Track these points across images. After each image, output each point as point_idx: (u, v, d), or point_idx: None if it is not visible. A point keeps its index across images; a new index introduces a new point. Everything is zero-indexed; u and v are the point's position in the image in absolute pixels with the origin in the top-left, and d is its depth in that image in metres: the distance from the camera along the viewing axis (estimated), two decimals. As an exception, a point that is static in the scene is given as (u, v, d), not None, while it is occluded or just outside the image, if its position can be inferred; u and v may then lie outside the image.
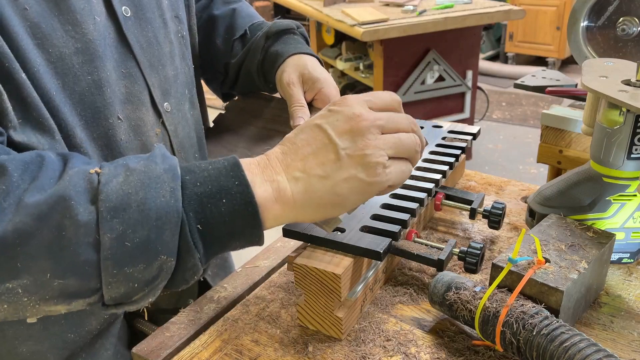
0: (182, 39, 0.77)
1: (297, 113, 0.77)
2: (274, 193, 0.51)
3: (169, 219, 0.48)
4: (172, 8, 0.75)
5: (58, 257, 0.46)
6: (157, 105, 0.70)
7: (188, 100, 0.78)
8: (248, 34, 0.89)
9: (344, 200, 0.52)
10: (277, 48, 0.84)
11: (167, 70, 0.72)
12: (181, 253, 0.49)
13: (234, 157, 0.53)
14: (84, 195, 0.47)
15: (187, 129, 0.77)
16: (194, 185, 0.50)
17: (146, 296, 0.51)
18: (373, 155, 0.51)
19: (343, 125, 0.52)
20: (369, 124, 0.52)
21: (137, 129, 0.67)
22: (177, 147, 0.74)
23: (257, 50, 0.85)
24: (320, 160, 0.52)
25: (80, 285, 0.48)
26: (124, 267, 0.48)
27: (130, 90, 0.66)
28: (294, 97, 0.78)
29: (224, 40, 0.90)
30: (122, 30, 0.65)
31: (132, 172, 0.49)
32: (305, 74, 0.79)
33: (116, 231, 0.47)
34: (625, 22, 0.96)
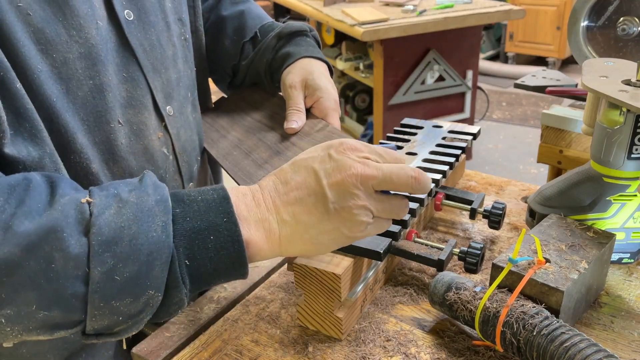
0: (184, 42, 0.77)
1: (292, 117, 0.78)
2: (265, 233, 0.52)
3: (160, 254, 0.48)
4: (176, 11, 0.75)
5: (44, 289, 0.45)
6: (160, 109, 0.70)
7: (190, 103, 0.78)
8: (259, 36, 0.89)
9: (323, 247, 0.55)
10: (288, 49, 0.84)
11: (170, 74, 0.72)
12: (169, 288, 0.49)
13: (222, 189, 0.53)
14: (75, 226, 0.46)
15: (189, 132, 0.77)
16: (183, 219, 0.50)
17: (129, 329, 0.51)
18: (359, 215, 0.52)
19: (336, 176, 0.52)
20: (361, 181, 0.52)
21: (139, 132, 0.67)
22: (179, 150, 0.74)
23: (267, 50, 0.85)
24: (310, 209, 0.52)
25: (65, 317, 0.47)
26: (111, 301, 0.47)
27: (132, 94, 0.66)
28: (292, 100, 0.79)
29: (233, 42, 0.89)
30: (124, 34, 0.64)
31: (124, 204, 0.48)
32: (308, 80, 0.79)
33: (107, 265, 0.46)
34: (625, 22, 0.96)
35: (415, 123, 1.01)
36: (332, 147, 0.54)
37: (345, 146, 0.54)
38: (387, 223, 0.57)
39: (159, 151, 0.70)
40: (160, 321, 0.54)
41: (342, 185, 0.52)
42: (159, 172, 0.71)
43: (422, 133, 0.97)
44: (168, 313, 0.52)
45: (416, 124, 1.00)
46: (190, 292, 0.52)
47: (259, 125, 0.86)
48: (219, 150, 0.83)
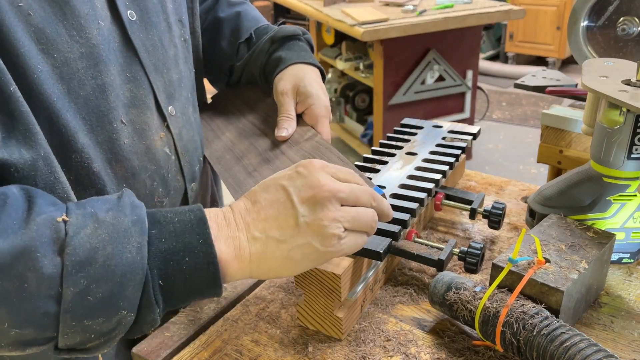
0: (184, 43, 0.77)
1: (282, 124, 0.79)
2: (235, 250, 0.53)
3: (134, 275, 0.48)
4: (176, 12, 0.75)
5: (17, 308, 0.45)
6: (162, 109, 0.70)
7: (191, 103, 0.79)
8: (253, 38, 0.89)
9: (296, 264, 0.54)
10: (280, 53, 0.85)
11: (172, 74, 0.72)
12: (141, 308, 0.49)
13: (200, 210, 0.53)
14: (50, 246, 0.46)
15: (191, 133, 0.77)
16: (159, 240, 0.50)
17: (102, 345, 0.51)
18: (330, 227, 0.53)
19: (306, 192, 0.54)
20: (330, 195, 0.54)
21: (141, 132, 0.67)
22: (182, 150, 0.75)
23: (261, 54, 0.86)
24: (280, 224, 0.53)
25: (37, 335, 0.47)
26: (83, 320, 0.47)
27: (135, 94, 0.66)
28: (284, 107, 0.80)
29: (229, 43, 0.90)
30: (127, 34, 0.65)
31: (100, 224, 0.48)
32: (300, 87, 0.80)
33: (80, 285, 0.46)
34: (625, 22, 0.96)
35: (415, 123, 1.01)
36: (300, 165, 0.56)
37: (310, 165, 0.56)
38: (360, 237, 0.57)
39: (161, 151, 0.70)
40: (134, 337, 0.54)
41: (313, 199, 0.53)
42: (161, 171, 0.71)
43: (422, 133, 0.97)
44: (141, 331, 0.52)
45: (416, 124, 1.00)
46: (163, 311, 0.52)
47: (251, 128, 0.86)
48: (212, 151, 0.84)
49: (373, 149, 0.91)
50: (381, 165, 0.86)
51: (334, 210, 0.53)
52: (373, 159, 0.88)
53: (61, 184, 0.58)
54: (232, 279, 0.54)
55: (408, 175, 0.82)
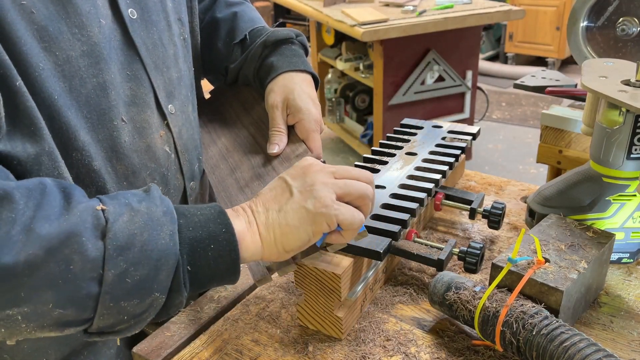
0: (184, 42, 0.77)
1: (274, 139, 0.79)
2: (246, 225, 0.58)
3: (168, 260, 0.52)
4: (176, 11, 0.75)
5: (62, 289, 0.48)
6: (162, 107, 0.70)
7: (191, 102, 0.79)
8: (247, 40, 0.89)
9: (297, 229, 0.57)
10: (272, 60, 0.84)
11: (172, 73, 0.72)
12: (171, 292, 0.53)
13: (218, 205, 0.58)
14: (93, 231, 0.49)
15: (190, 131, 0.78)
16: (187, 229, 0.54)
17: (131, 327, 0.54)
18: (320, 190, 0.57)
19: (298, 171, 0.60)
20: (321, 168, 0.60)
21: (141, 131, 0.68)
22: (181, 149, 0.75)
23: (254, 59, 0.86)
24: (278, 198, 0.59)
25: (77, 315, 0.50)
26: (120, 301, 0.50)
27: (136, 92, 0.66)
28: (274, 120, 0.80)
29: (225, 44, 0.90)
30: (128, 33, 0.65)
31: (136, 213, 0.52)
32: (289, 100, 0.79)
33: (120, 268, 0.49)
34: (624, 23, 0.96)
35: (415, 123, 1.01)
36: (299, 163, 0.61)
37: (308, 159, 0.62)
38: (355, 210, 0.58)
39: (161, 149, 0.71)
40: (159, 320, 0.58)
41: (304, 173, 0.59)
42: (161, 170, 0.71)
43: (421, 133, 0.97)
44: (167, 313, 0.55)
45: (416, 124, 1.00)
46: (188, 295, 0.55)
47: (246, 136, 0.86)
48: (208, 158, 0.84)
49: (373, 149, 0.91)
50: (381, 165, 0.86)
51: (324, 177, 0.59)
52: (373, 159, 0.88)
53: (64, 180, 0.59)
54: (247, 252, 0.57)
55: (408, 175, 0.82)
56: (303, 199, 0.57)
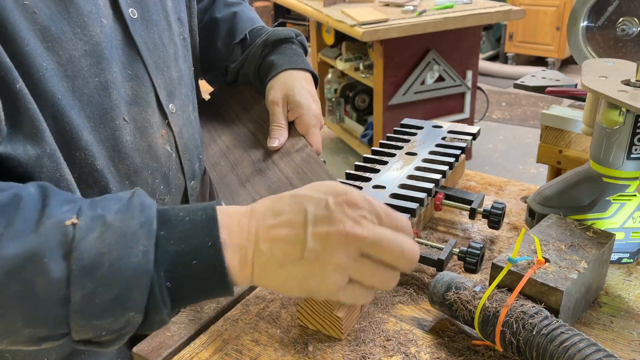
0: (184, 41, 0.78)
1: (274, 133, 0.79)
2: (240, 260, 0.51)
3: (140, 279, 0.48)
4: (176, 10, 0.75)
5: (27, 309, 0.46)
6: (163, 107, 0.71)
7: (191, 102, 0.79)
8: (248, 39, 0.90)
9: (291, 291, 0.53)
10: (272, 58, 0.86)
11: (172, 72, 0.73)
12: (149, 310, 0.50)
13: (212, 209, 0.52)
14: (57, 250, 0.47)
15: (191, 131, 0.78)
16: (167, 242, 0.50)
17: (115, 341, 0.51)
18: (332, 274, 0.50)
19: (323, 228, 0.50)
20: (347, 240, 0.49)
21: (143, 130, 0.68)
22: (182, 148, 0.75)
23: (254, 58, 0.87)
24: (286, 250, 0.51)
25: (50, 332, 0.49)
26: (93, 320, 0.48)
27: (137, 91, 0.67)
28: (275, 116, 0.80)
29: (225, 44, 0.91)
30: (129, 32, 0.65)
31: (107, 228, 0.48)
32: (289, 96, 0.80)
33: (87, 289, 0.47)
34: (625, 22, 0.96)
35: (415, 123, 1.01)
36: (333, 194, 0.52)
37: (346, 198, 0.51)
38: (366, 294, 0.52)
39: (162, 149, 0.71)
40: (147, 333, 0.55)
41: (325, 238, 0.49)
42: (163, 169, 0.71)
43: (421, 133, 0.97)
44: (151, 329, 0.52)
45: (416, 124, 1.00)
46: (173, 311, 0.52)
47: (246, 134, 0.87)
48: (208, 156, 0.84)
49: (373, 149, 0.91)
50: (381, 166, 0.86)
51: (344, 256, 0.49)
52: (373, 159, 0.88)
53: (66, 181, 0.59)
54: (236, 284, 0.53)
55: (408, 175, 0.82)
56: (311, 273, 0.50)
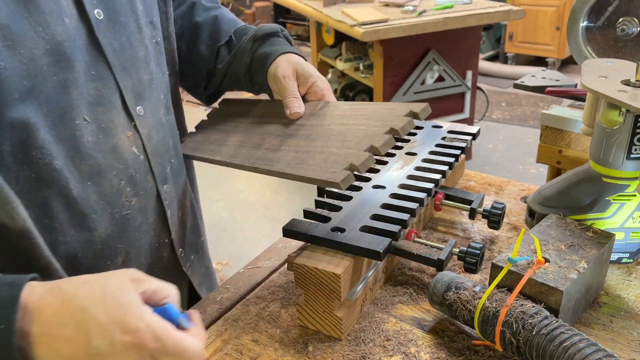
0: (156, 45, 0.77)
1: (293, 103, 0.81)
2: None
3: None
4: (147, 14, 0.75)
5: None
6: (129, 109, 0.70)
7: (164, 105, 0.78)
8: (234, 39, 0.91)
9: None
10: (265, 50, 0.87)
11: (142, 75, 0.72)
12: None
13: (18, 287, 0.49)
14: None
15: (162, 134, 0.77)
16: None
17: None
18: None
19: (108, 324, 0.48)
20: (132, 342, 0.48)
21: (107, 131, 0.67)
22: (151, 150, 0.74)
23: (244, 53, 0.88)
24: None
25: None
26: None
27: (101, 92, 0.66)
28: (288, 89, 0.82)
29: (208, 47, 0.91)
30: (94, 33, 0.65)
31: None
32: (298, 70, 0.83)
33: None
34: (624, 23, 0.96)
35: (415, 123, 1.01)
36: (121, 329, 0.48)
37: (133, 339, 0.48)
38: None
39: (128, 150, 0.70)
40: None
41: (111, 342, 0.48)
42: (129, 171, 0.70)
43: (421, 133, 0.97)
44: None
45: (416, 124, 1.00)
46: None
47: (256, 125, 0.86)
48: (223, 155, 0.81)
49: (373, 149, 0.91)
50: (381, 165, 0.86)
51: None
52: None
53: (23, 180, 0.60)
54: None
55: (408, 175, 0.82)
56: None
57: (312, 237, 0.67)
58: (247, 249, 2.75)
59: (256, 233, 2.89)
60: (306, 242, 0.69)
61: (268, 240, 2.63)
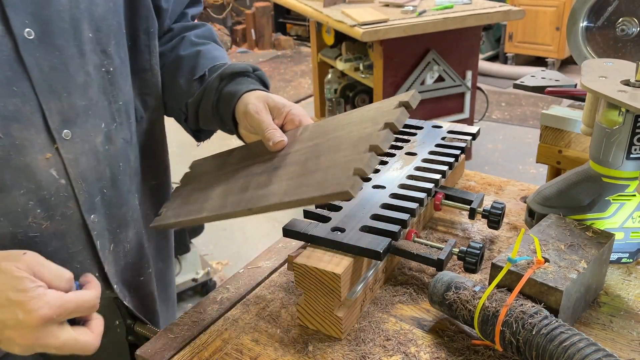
0: (106, 74, 0.75)
1: (274, 134, 0.75)
2: None
3: None
4: (98, 42, 0.73)
5: None
6: (52, 131, 0.68)
7: (104, 134, 0.75)
8: (207, 75, 0.87)
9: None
10: (230, 89, 0.83)
11: (75, 99, 0.70)
12: None
13: None
14: None
15: (94, 162, 0.73)
16: None
17: None
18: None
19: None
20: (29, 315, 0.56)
21: (21, 148, 0.65)
22: (76, 176, 0.71)
23: (211, 92, 0.84)
24: None
25: None
26: None
27: (20, 109, 0.65)
28: (265, 122, 0.76)
29: (186, 81, 0.88)
30: (19, 51, 0.63)
31: None
32: (269, 102, 0.79)
33: None
34: (624, 23, 0.96)
35: (415, 123, 1.01)
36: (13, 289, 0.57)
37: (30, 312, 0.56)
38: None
39: (44, 172, 0.68)
40: None
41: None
42: (42, 192, 0.68)
43: (421, 133, 0.97)
44: None
45: (416, 124, 1.00)
46: None
47: (236, 171, 0.78)
48: (209, 210, 0.72)
49: (373, 149, 0.91)
50: (381, 165, 0.86)
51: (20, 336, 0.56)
52: (373, 159, 0.88)
53: None
54: None
55: (408, 175, 0.82)
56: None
57: (312, 237, 0.68)
58: (247, 249, 2.75)
59: (256, 233, 2.89)
60: (306, 242, 0.69)
61: (268, 240, 2.63)
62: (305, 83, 5.18)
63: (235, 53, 6.24)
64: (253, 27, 6.34)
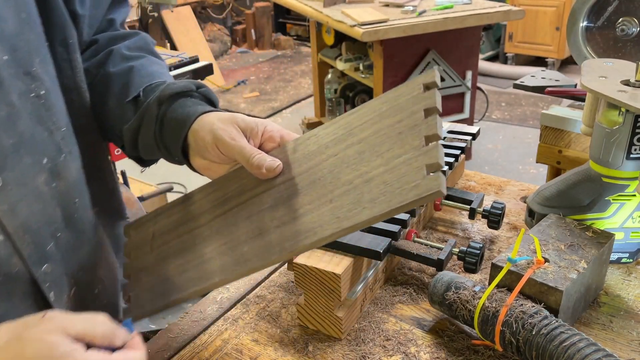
0: (37, 99, 0.62)
1: (263, 159, 0.62)
2: None
3: None
4: (19, 64, 0.59)
5: None
6: None
7: (46, 170, 0.62)
8: (141, 97, 0.72)
9: None
10: (175, 114, 0.69)
11: (1, 139, 0.57)
12: None
13: None
14: None
15: (39, 206, 0.61)
16: None
17: None
18: None
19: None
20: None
21: None
22: (16, 228, 0.58)
23: (150, 119, 0.70)
24: None
25: None
26: None
27: None
28: (245, 148, 0.63)
29: (118, 103, 0.74)
30: None
31: None
32: (240, 124, 0.66)
33: None
34: (624, 23, 0.96)
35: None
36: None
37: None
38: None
39: None
40: None
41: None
42: None
43: (421, 133, 0.97)
44: None
45: (416, 124, 1.00)
46: None
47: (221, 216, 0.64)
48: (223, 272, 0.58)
49: (373, 149, 0.91)
50: (381, 166, 0.85)
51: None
52: (373, 159, 0.88)
53: None
54: None
55: (408, 175, 0.82)
56: None
57: (312, 237, 0.67)
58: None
59: (256, 233, 2.88)
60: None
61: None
62: (305, 83, 5.18)
63: (236, 53, 6.24)
64: (253, 27, 6.34)
